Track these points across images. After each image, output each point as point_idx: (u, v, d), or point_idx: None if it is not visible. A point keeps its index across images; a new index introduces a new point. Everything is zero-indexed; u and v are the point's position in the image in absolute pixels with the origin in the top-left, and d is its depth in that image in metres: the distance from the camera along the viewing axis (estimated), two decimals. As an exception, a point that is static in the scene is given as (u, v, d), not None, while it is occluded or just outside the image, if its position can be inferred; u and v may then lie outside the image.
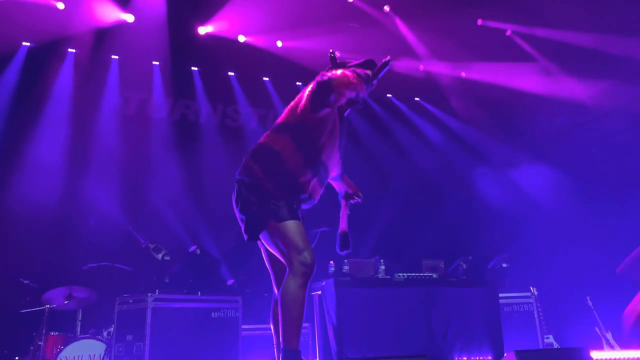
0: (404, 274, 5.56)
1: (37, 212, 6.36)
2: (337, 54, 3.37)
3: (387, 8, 8.04)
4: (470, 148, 9.12)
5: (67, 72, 7.24)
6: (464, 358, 5.50)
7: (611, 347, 6.09)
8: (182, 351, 4.99)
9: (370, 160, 8.84)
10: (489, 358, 5.59)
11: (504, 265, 6.92)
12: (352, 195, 3.55)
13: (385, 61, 3.21)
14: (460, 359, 5.49)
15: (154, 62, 7.80)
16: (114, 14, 7.15)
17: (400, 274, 5.55)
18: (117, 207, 6.87)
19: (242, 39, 7.94)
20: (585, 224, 7.44)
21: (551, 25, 7.93)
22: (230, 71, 8.36)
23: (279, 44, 8.10)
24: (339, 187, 3.59)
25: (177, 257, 6.24)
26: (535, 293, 6.44)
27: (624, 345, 5.56)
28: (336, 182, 3.55)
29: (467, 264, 6.28)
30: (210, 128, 8.10)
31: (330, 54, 3.32)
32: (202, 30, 7.72)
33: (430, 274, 5.71)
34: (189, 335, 5.07)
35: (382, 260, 5.68)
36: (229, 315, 5.36)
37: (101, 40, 7.24)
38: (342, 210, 3.51)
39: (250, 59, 8.07)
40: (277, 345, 3.14)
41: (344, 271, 5.48)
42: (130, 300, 5.16)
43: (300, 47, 7.90)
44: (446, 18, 7.66)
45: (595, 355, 5.47)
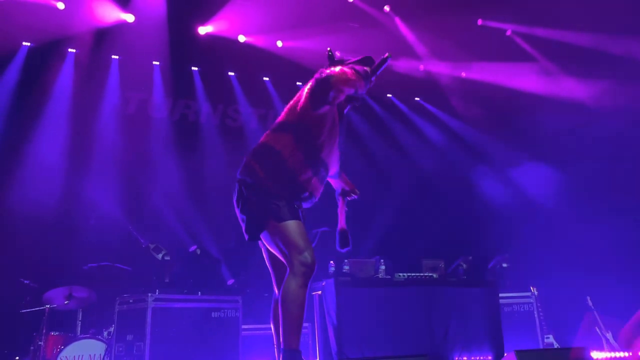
0: (404, 274, 5.56)
1: (38, 212, 6.36)
2: (337, 53, 3.37)
3: (387, 8, 8.04)
4: (471, 148, 9.12)
5: (67, 72, 7.23)
6: (464, 358, 5.50)
7: (611, 347, 6.09)
8: (183, 351, 4.98)
9: (371, 161, 8.85)
10: (489, 358, 5.59)
11: (504, 265, 6.92)
12: (349, 192, 3.54)
13: (383, 58, 3.21)
14: (461, 358, 5.48)
15: (154, 62, 7.81)
16: (114, 14, 7.16)
17: (401, 274, 5.55)
18: (117, 207, 6.87)
19: (242, 39, 7.95)
20: (586, 224, 7.43)
21: (551, 25, 7.94)
22: (230, 71, 8.36)
23: (279, 44, 8.11)
24: (335, 185, 3.58)
25: (177, 257, 6.24)
26: (536, 293, 6.45)
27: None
28: (333, 180, 3.55)
29: (468, 263, 6.27)
30: (210, 128, 8.10)
31: (328, 52, 3.32)
32: (202, 30, 7.73)
33: (430, 274, 5.71)
34: (189, 335, 5.07)
35: (382, 260, 5.68)
36: (229, 315, 5.35)
37: (101, 40, 7.24)
38: (340, 208, 3.51)
39: (251, 59, 8.07)
40: (278, 345, 3.14)
41: (344, 271, 5.48)
42: (131, 300, 5.17)
43: (301, 47, 7.90)
44: (446, 18, 7.66)
45: (596, 355, 5.47)
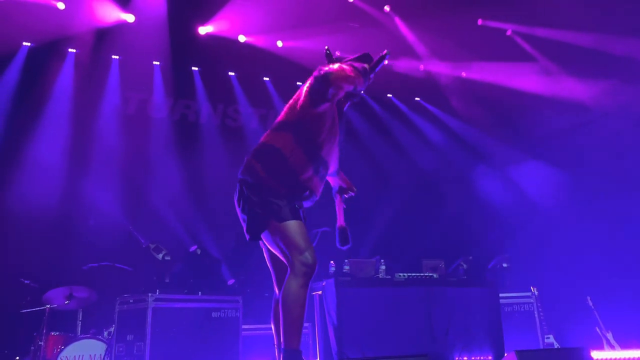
0: (405, 274, 5.56)
1: (38, 212, 6.37)
2: (338, 53, 3.37)
3: (387, 8, 8.04)
4: (471, 148, 9.12)
5: (67, 72, 7.23)
6: (464, 358, 5.49)
7: (612, 347, 6.09)
8: (183, 351, 4.99)
9: (371, 160, 8.84)
10: (490, 358, 5.59)
11: (504, 265, 6.91)
12: (346, 190, 3.54)
13: (382, 55, 3.22)
14: (461, 358, 5.48)
15: (155, 62, 7.81)
16: (114, 14, 7.16)
17: (401, 274, 5.55)
18: (117, 207, 6.87)
19: (242, 39, 7.94)
20: (586, 223, 7.43)
21: (551, 25, 7.93)
22: (230, 71, 8.36)
23: (279, 44, 8.10)
24: (333, 182, 3.58)
25: (178, 257, 6.24)
26: (536, 293, 6.44)
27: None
28: (331, 178, 3.55)
29: (468, 263, 6.28)
30: (210, 128, 8.10)
31: (326, 50, 3.32)
32: (203, 30, 7.72)
33: (430, 274, 5.71)
34: (189, 335, 5.07)
35: (382, 260, 5.67)
36: (230, 315, 5.36)
37: (101, 40, 7.24)
38: (338, 206, 3.51)
39: (251, 59, 8.07)
40: (278, 345, 3.14)
41: (344, 271, 5.48)
42: (131, 300, 5.16)
43: (301, 47, 7.89)
44: (446, 18, 7.65)
45: (596, 355, 5.47)
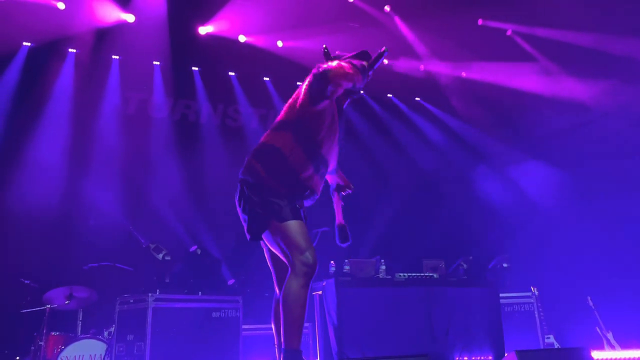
0: (405, 274, 5.56)
1: (38, 212, 6.37)
2: (337, 52, 3.38)
3: (387, 8, 8.04)
4: (471, 148, 9.12)
5: (67, 72, 7.23)
6: (464, 358, 5.49)
7: (612, 347, 6.09)
8: (183, 351, 4.99)
9: (371, 160, 8.84)
10: (490, 358, 5.58)
11: (504, 265, 6.91)
12: (343, 187, 3.55)
13: (380, 52, 3.22)
14: (461, 358, 5.48)
15: (155, 62, 7.81)
16: (114, 14, 7.16)
17: (401, 274, 5.55)
18: (117, 207, 6.87)
19: (242, 39, 7.94)
20: (586, 223, 7.44)
21: (551, 25, 7.93)
22: (230, 71, 8.36)
23: (280, 44, 8.10)
24: (331, 180, 3.58)
25: (178, 257, 6.24)
26: (536, 293, 6.44)
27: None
28: (329, 175, 3.54)
29: (468, 263, 6.27)
30: (210, 128, 8.10)
31: (324, 49, 3.32)
32: (203, 30, 7.72)
33: (431, 274, 5.71)
34: (189, 335, 5.07)
35: (382, 260, 5.67)
36: (230, 315, 5.36)
37: (102, 40, 7.24)
38: (336, 203, 3.52)
39: (251, 59, 8.07)
40: (279, 345, 3.14)
41: (344, 271, 5.48)
42: (131, 300, 5.17)
43: (301, 47, 7.89)
44: (446, 18, 7.65)
45: (596, 355, 5.47)
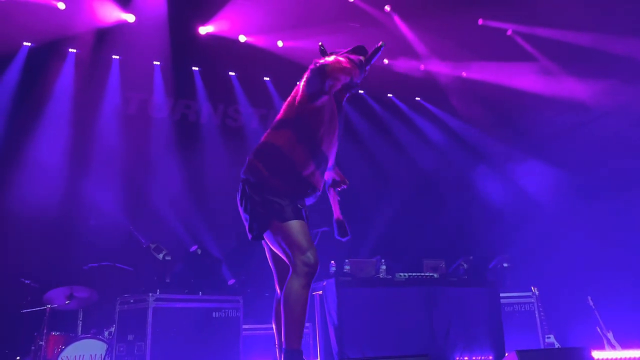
0: (405, 274, 5.56)
1: (38, 212, 6.36)
2: (334, 50, 3.38)
3: (387, 8, 8.04)
4: (471, 148, 9.12)
5: (68, 72, 7.24)
6: (465, 358, 5.49)
7: (612, 347, 6.09)
8: (183, 351, 4.99)
9: (371, 161, 8.85)
10: (490, 358, 5.58)
11: (505, 265, 6.92)
12: (339, 182, 3.55)
13: (377, 47, 3.22)
14: (462, 358, 5.48)
15: (155, 62, 7.81)
16: (114, 14, 7.16)
17: (402, 274, 5.55)
18: (118, 207, 6.88)
19: (242, 38, 7.94)
20: (586, 223, 7.44)
21: (551, 25, 7.93)
22: (231, 71, 8.36)
23: (280, 43, 8.10)
24: (327, 176, 3.57)
25: (178, 257, 6.25)
26: (537, 293, 6.44)
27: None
28: (327, 172, 3.55)
29: (468, 263, 6.28)
30: (211, 128, 8.10)
31: (320, 47, 3.32)
32: (203, 30, 7.72)
33: (431, 274, 5.71)
34: (190, 335, 5.08)
35: (383, 260, 5.67)
36: (230, 315, 5.36)
37: (102, 40, 7.24)
38: (332, 199, 3.52)
39: (251, 59, 8.07)
40: (279, 345, 3.14)
41: (345, 271, 5.48)
42: (132, 300, 5.17)
43: (301, 47, 7.89)
44: (447, 18, 7.65)
45: (597, 355, 5.47)
